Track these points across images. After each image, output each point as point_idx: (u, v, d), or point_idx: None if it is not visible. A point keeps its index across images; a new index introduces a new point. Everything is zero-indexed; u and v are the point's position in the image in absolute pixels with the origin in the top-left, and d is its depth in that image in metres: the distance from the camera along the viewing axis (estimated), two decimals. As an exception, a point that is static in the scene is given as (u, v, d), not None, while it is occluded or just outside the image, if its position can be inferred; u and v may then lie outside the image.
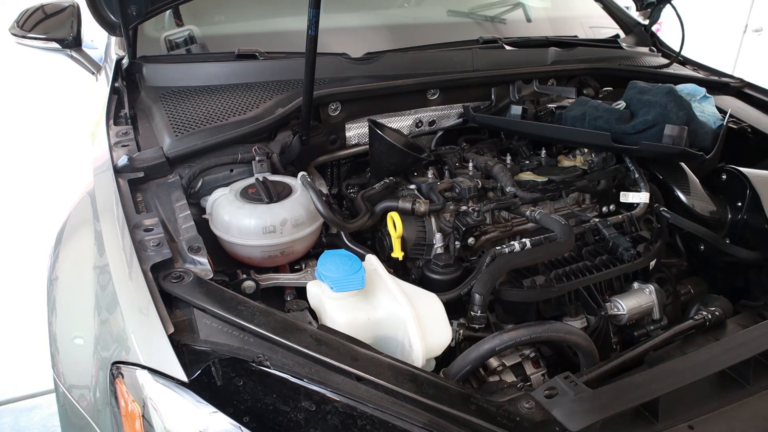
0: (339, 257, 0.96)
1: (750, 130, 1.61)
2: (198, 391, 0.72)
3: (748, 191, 1.34)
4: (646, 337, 1.12)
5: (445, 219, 1.24)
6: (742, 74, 1.98)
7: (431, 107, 1.59)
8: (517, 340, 0.90)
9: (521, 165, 1.46)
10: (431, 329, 0.90)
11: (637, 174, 1.41)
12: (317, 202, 1.12)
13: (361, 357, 0.79)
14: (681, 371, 0.84)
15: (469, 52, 1.62)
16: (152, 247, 0.93)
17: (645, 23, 2.10)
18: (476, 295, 1.04)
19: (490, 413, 0.75)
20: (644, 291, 1.16)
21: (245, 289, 1.03)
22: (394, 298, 0.93)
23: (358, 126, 1.50)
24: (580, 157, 1.45)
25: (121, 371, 0.79)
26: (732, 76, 1.92)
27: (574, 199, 1.39)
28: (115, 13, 1.40)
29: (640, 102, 1.37)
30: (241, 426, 0.68)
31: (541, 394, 0.79)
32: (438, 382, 0.79)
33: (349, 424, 0.70)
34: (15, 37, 1.82)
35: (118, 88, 1.46)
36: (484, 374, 0.98)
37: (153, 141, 1.26)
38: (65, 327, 1.03)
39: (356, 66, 1.50)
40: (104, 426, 0.84)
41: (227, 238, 1.09)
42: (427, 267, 1.17)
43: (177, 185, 1.14)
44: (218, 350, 0.77)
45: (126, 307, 0.83)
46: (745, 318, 1.10)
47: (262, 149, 1.26)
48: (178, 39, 1.60)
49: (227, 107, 1.33)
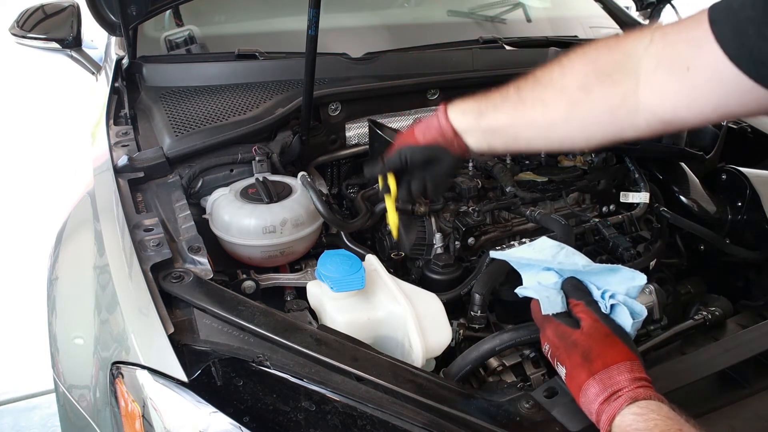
0: (339, 257, 0.96)
1: (750, 130, 1.61)
2: (198, 391, 0.72)
3: (748, 191, 1.34)
4: (646, 337, 1.11)
5: (445, 219, 1.24)
6: (742, 74, 1.98)
7: (431, 107, 1.59)
8: (517, 340, 0.90)
9: (521, 165, 1.46)
10: (431, 329, 0.90)
11: (637, 174, 1.41)
12: (317, 202, 1.12)
13: (361, 357, 0.79)
14: (681, 371, 0.84)
15: (469, 52, 1.62)
16: (152, 247, 0.93)
17: (645, 23, 2.10)
18: (476, 295, 1.04)
19: (490, 413, 0.75)
20: (644, 291, 1.16)
21: (245, 289, 1.03)
22: (394, 298, 0.93)
23: (358, 126, 1.49)
24: (580, 157, 1.45)
25: (121, 371, 0.79)
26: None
27: (574, 199, 1.39)
28: (115, 13, 1.40)
29: (640, 102, 1.36)
30: (241, 426, 0.68)
31: (541, 394, 0.79)
32: (438, 382, 0.79)
33: (349, 424, 0.70)
34: (15, 37, 1.82)
35: (118, 88, 1.46)
36: (484, 374, 0.98)
37: (153, 141, 1.26)
38: (65, 327, 1.03)
39: (356, 66, 1.50)
40: (104, 426, 0.84)
41: (227, 238, 1.09)
42: (427, 267, 1.17)
43: (177, 185, 1.14)
44: (218, 350, 0.77)
45: (126, 307, 0.83)
46: (745, 318, 1.10)
47: (262, 149, 1.26)
48: (178, 39, 1.60)
49: (227, 107, 1.33)
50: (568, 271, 0.81)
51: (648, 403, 0.63)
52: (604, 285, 0.78)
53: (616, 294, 0.77)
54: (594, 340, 0.71)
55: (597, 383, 0.67)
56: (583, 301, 0.76)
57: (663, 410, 0.62)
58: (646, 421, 0.61)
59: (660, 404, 0.63)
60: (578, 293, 0.78)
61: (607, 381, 0.66)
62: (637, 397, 0.64)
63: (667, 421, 0.60)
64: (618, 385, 0.66)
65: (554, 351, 0.75)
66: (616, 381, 0.66)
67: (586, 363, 0.69)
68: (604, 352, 0.69)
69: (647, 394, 0.64)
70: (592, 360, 0.69)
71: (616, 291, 0.77)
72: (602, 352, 0.69)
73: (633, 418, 0.62)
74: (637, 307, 0.76)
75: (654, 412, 0.62)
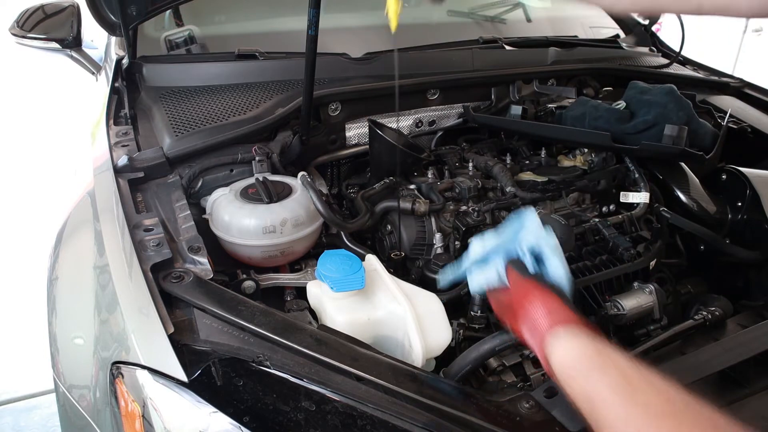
0: (339, 257, 0.96)
1: (750, 130, 1.61)
2: (198, 391, 0.72)
3: (748, 191, 1.33)
4: (646, 337, 1.11)
5: (445, 219, 1.24)
6: (742, 74, 1.98)
7: (431, 107, 1.59)
8: (517, 340, 0.90)
9: (521, 165, 1.46)
10: (431, 329, 0.90)
11: (637, 174, 1.41)
12: (317, 202, 1.12)
13: (361, 357, 0.79)
14: (681, 371, 0.84)
15: (469, 52, 1.62)
16: (152, 247, 0.93)
17: (645, 23, 2.10)
18: (476, 295, 1.04)
19: (490, 413, 0.75)
20: (644, 291, 1.16)
21: (245, 289, 1.03)
22: (393, 298, 0.93)
23: (358, 126, 1.49)
24: (580, 157, 1.45)
25: (121, 371, 0.79)
26: (732, 76, 1.92)
27: (574, 199, 1.39)
28: (115, 13, 1.40)
29: (640, 102, 1.37)
30: (241, 426, 0.68)
31: (541, 394, 0.79)
32: (438, 382, 0.79)
33: (349, 424, 0.70)
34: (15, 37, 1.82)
35: (118, 88, 1.46)
36: (484, 374, 0.98)
37: (153, 141, 1.26)
38: (65, 327, 1.03)
39: (356, 66, 1.50)
40: (104, 426, 0.84)
41: (227, 238, 1.09)
42: (427, 267, 1.17)
43: (177, 185, 1.14)
44: (218, 350, 0.77)
45: (126, 307, 0.83)
46: (745, 318, 1.10)
47: (262, 149, 1.26)
48: (178, 39, 1.60)
49: (227, 107, 1.33)
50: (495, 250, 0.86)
51: (568, 331, 0.67)
52: (523, 244, 0.83)
53: (533, 246, 0.82)
54: (517, 295, 0.78)
55: (527, 331, 0.74)
56: (509, 266, 0.82)
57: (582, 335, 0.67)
58: (573, 348, 0.66)
59: (578, 329, 0.68)
60: (511, 263, 0.83)
61: (531, 325, 0.73)
62: (558, 331, 0.68)
63: (588, 343, 0.65)
64: (540, 325, 0.71)
65: (500, 317, 0.84)
66: (538, 323, 0.72)
67: (517, 317, 0.76)
68: (524, 302, 0.75)
69: (567, 322, 0.69)
70: (517, 311, 0.76)
71: (531, 243, 0.82)
72: (523, 301, 0.76)
73: (562, 349, 0.67)
74: (550, 242, 0.81)
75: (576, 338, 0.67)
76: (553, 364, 0.67)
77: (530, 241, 0.82)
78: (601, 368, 0.60)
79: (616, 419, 0.56)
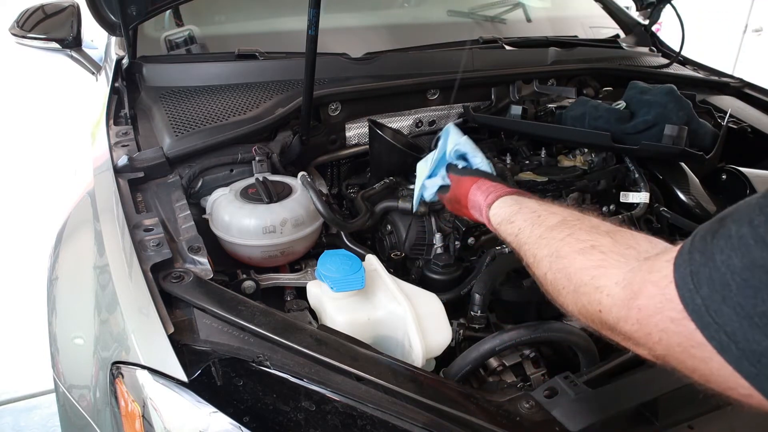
0: (339, 257, 0.96)
1: (750, 130, 1.61)
2: (198, 391, 0.72)
3: (748, 191, 1.33)
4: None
5: (445, 219, 1.24)
6: (742, 74, 1.98)
7: (431, 107, 1.59)
8: (517, 340, 0.90)
9: (521, 165, 1.46)
10: (431, 329, 0.90)
11: (637, 174, 1.41)
12: (317, 202, 1.12)
13: (361, 357, 0.79)
14: (681, 371, 0.84)
15: (469, 52, 1.62)
16: (152, 247, 0.93)
17: (645, 23, 2.10)
18: (476, 295, 1.04)
19: (490, 413, 0.75)
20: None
21: (245, 289, 1.03)
22: (394, 298, 0.93)
23: (358, 126, 1.49)
24: (580, 157, 1.45)
25: (121, 371, 0.79)
26: (732, 76, 1.92)
27: (574, 199, 1.39)
28: (115, 13, 1.40)
29: (640, 102, 1.36)
30: (241, 426, 0.68)
31: (541, 394, 0.79)
32: (438, 382, 0.79)
33: (349, 424, 0.70)
34: (15, 37, 1.82)
35: (118, 88, 1.46)
36: (484, 374, 0.98)
37: (153, 141, 1.26)
38: (65, 327, 1.03)
39: (356, 66, 1.50)
40: (104, 426, 0.84)
41: (227, 238, 1.09)
42: (427, 267, 1.17)
43: (177, 185, 1.14)
44: (218, 350, 0.77)
45: (126, 307, 0.83)
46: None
47: (262, 149, 1.26)
48: (178, 39, 1.60)
49: (227, 107, 1.33)
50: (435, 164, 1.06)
51: (499, 198, 0.88)
52: (451, 152, 1.03)
53: (457, 150, 1.02)
54: (458, 189, 0.99)
55: (474, 210, 0.95)
56: (447, 171, 1.03)
57: (507, 198, 0.87)
58: (501, 207, 0.86)
59: (506, 194, 0.88)
60: (447, 167, 1.04)
61: (474, 206, 0.94)
62: (491, 200, 0.89)
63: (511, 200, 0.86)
64: (480, 203, 0.91)
65: (453, 211, 1.05)
66: (478, 202, 0.92)
67: (463, 205, 0.97)
68: (465, 191, 0.96)
69: (497, 192, 0.89)
70: (462, 201, 0.97)
71: (456, 148, 1.02)
72: (464, 191, 0.96)
73: (495, 210, 0.88)
74: (468, 143, 1.01)
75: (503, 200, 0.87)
76: (492, 223, 0.88)
77: (454, 148, 1.02)
78: (519, 212, 0.82)
79: (529, 237, 0.76)
